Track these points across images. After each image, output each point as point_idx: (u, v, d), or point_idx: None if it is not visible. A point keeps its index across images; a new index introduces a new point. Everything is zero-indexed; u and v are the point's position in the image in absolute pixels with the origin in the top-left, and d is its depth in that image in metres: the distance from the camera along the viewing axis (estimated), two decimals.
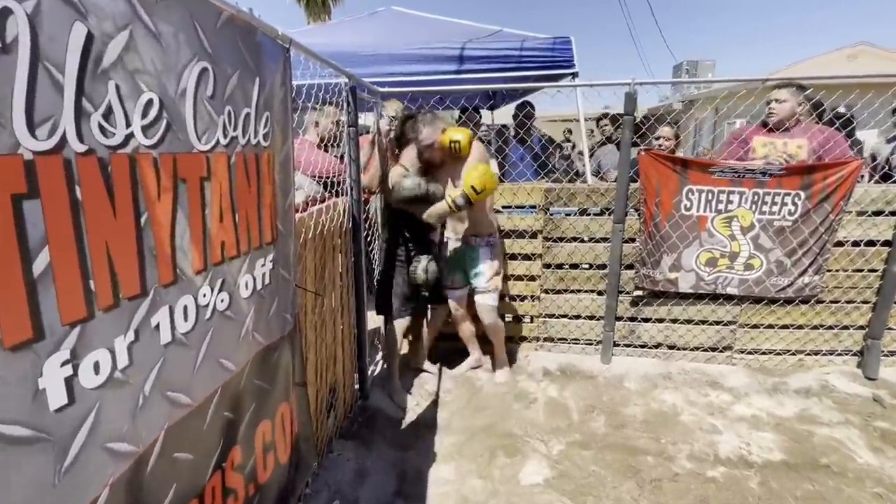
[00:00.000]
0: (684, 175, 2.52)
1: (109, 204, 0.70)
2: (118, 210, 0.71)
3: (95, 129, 0.66)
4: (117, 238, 0.71)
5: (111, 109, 0.69)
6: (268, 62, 1.15)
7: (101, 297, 0.69)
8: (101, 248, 0.68)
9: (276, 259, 1.25)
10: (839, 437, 2.18)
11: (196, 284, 0.91)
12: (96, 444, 0.70)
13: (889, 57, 12.48)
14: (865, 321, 2.65)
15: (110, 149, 0.69)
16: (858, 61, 12.51)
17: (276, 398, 1.32)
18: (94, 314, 0.68)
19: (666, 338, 2.82)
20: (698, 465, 2.01)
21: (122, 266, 0.73)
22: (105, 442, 0.71)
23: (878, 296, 2.58)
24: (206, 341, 0.97)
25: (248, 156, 1.06)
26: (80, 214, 0.65)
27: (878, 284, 2.58)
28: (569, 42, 2.95)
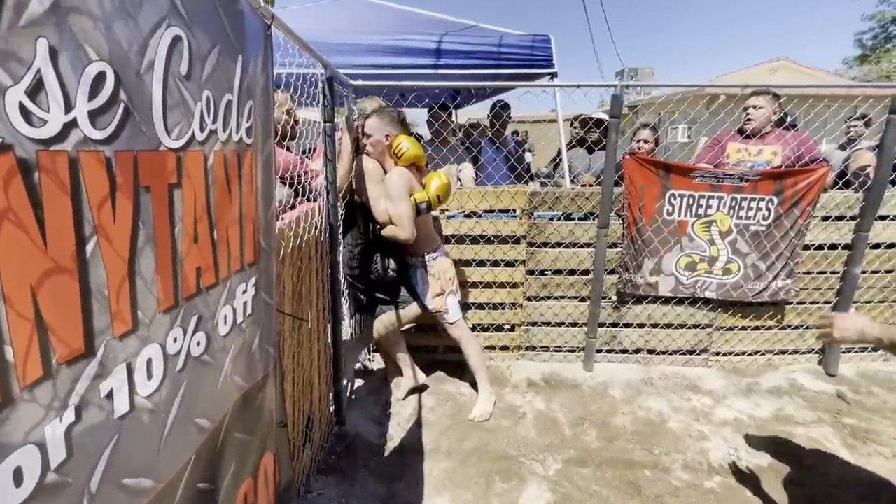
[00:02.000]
0: (667, 179, 2.50)
1: (37, 227, 0.46)
2: (49, 236, 0.47)
3: (14, 113, 0.43)
4: (48, 278, 0.47)
5: (41, 84, 0.45)
6: (250, 38, 0.92)
7: (22, 371, 0.45)
8: (24, 297, 0.45)
9: (259, 282, 1.02)
10: (816, 437, 2.24)
11: (164, 328, 0.67)
12: None
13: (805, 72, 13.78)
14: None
15: (39, 143, 0.45)
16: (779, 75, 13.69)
17: (258, 450, 1.08)
18: (12, 396, 0.44)
19: (646, 343, 2.81)
20: (695, 475, 1.97)
21: (56, 318, 0.49)
22: None
23: (839, 296, 2.70)
24: (178, 400, 0.73)
25: (228, 155, 0.82)
26: None
27: (838, 286, 2.70)
28: (548, 40, 2.86)
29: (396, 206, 1.96)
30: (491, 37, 2.87)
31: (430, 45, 2.75)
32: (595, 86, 2.43)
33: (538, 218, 2.64)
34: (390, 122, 2.05)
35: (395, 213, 1.97)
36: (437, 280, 2.20)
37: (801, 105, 3.20)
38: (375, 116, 2.05)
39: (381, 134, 2.04)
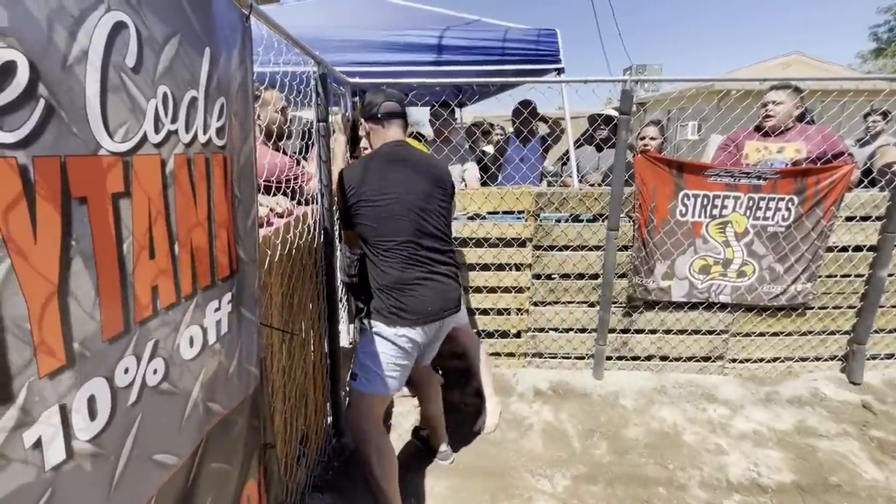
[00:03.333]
0: (680, 179, 2.38)
1: None
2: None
3: None
4: None
5: None
6: (222, 29, 0.83)
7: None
8: None
9: (237, 297, 0.93)
10: (841, 451, 2.11)
11: (111, 359, 0.59)
12: None
13: (818, 66, 13.44)
14: (850, 326, 2.63)
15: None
16: (792, 69, 13.38)
17: (240, 479, 1.00)
18: None
19: (658, 349, 2.69)
20: (713, 494, 1.86)
21: None
22: None
23: (864, 301, 2.56)
24: (132, 438, 0.64)
25: (194, 159, 0.73)
26: None
27: (863, 290, 2.56)
28: (554, 35, 2.75)
29: None
30: (494, 31, 2.77)
31: (432, 41, 2.66)
32: (604, 81, 2.32)
33: (544, 219, 2.53)
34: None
35: None
36: None
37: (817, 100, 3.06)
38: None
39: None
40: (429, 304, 1.53)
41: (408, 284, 1.51)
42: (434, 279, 1.55)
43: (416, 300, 1.51)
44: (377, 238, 1.51)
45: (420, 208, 1.52)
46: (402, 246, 1.50)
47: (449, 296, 1.59)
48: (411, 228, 1.51)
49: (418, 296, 1.52)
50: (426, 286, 1.53)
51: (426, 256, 1.54)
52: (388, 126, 1.61)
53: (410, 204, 1.51)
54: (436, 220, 1.57)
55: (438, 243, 1.58)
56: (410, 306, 1.51)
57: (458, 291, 1.64)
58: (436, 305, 1.55)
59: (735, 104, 2.62)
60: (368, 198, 1.49)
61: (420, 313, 1.52)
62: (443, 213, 1.61)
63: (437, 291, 1.55)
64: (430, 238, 1.55)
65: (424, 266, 1.54)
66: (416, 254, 1.52)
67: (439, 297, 1.56)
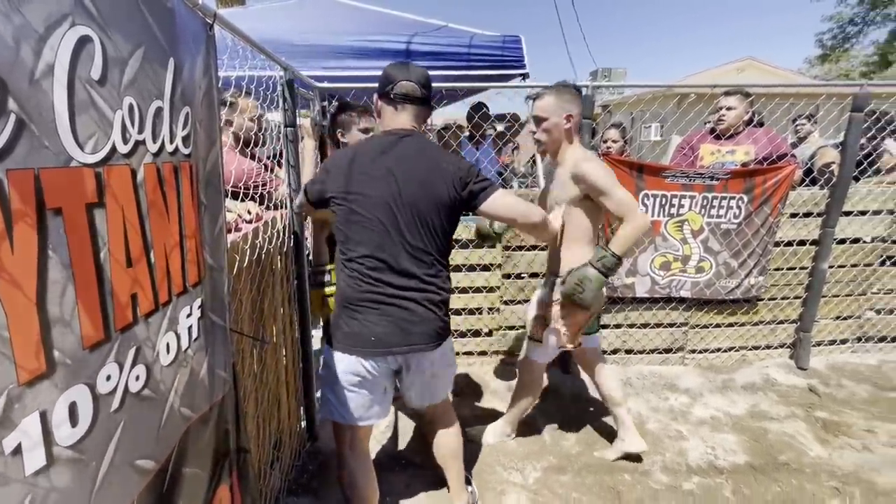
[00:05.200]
0: (640, 180, 2.50)
1: None
2: None
3: None
4: None
5: None
6: (185, 39, 0.84)
7: None
8: None
9: (206, 303, 0.94)
10: (790, 432, 2.27)
11: (92, 367, 0.60)
12: None
13: (771, 71, 14.21)
14: (797, 316, 2.82)
15: None
16: (745, 74, 14.09)
17: (212, 483, 1.01)
18: None
19: (623, 343, 2.81)
20: (673, 478, 1.97)
21: None
22: None
23: (808, 291, 2.76)
24: (114, 444, 0.65)
25: (162, 167, 0.75)
26: None
27: (807, 281, 2.75)
28: (519, 41, 2.84)
29: (619, 192, 1.64)
30: (461, 38, 2.84)
31: (400, 47, 2.70)
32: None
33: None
34: (571, 99, 1.70)
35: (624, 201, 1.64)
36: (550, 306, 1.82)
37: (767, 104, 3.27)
38: (551, 94, 1.71)
39: (560, 115, 1.69)
40: (374, 333, 1.30)
41: (358, 305, 1.31)
42: (394, 304, 1.31)
43: (361, 325, 1.31)
44: (343, 243, 1.34)
45: (396, 217, 1.29)
46: (363, 259, 1.30)
47: (413, 328, 1.32)
48: (378, 240, 1.29)
49: (363, 321, 1.31)
50: (378, 311, 1.30)
51: (390, 276, 1.30)
52: (400, 110, 1.36)
53: (385, 211, 1.28)
54: (419, 235, 1.31)
55: (414, 264, 1.31)
56: (355, 332, 1.31)
57: (430, 325, 1.35)
58: (386, 337, 1.31)
59: (688, 108, 2.77)
60: (338, 193, 1.30)
61: (363, 343, 1.31)
62: (433, 228, 1.33)
63: (393, 320, 1.31)
64: (404, 255, 1.30)
65: (382, 287, 1.30)
66: (375, 270, 1.30)
67: (395, 328, 1.31)
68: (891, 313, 2.89)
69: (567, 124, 1.71)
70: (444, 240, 1.38)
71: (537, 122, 1.75)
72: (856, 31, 18.01)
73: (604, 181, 1.65)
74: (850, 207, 2.64)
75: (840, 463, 2.05)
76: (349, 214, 1.31)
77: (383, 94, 1.38)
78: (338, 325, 1.36)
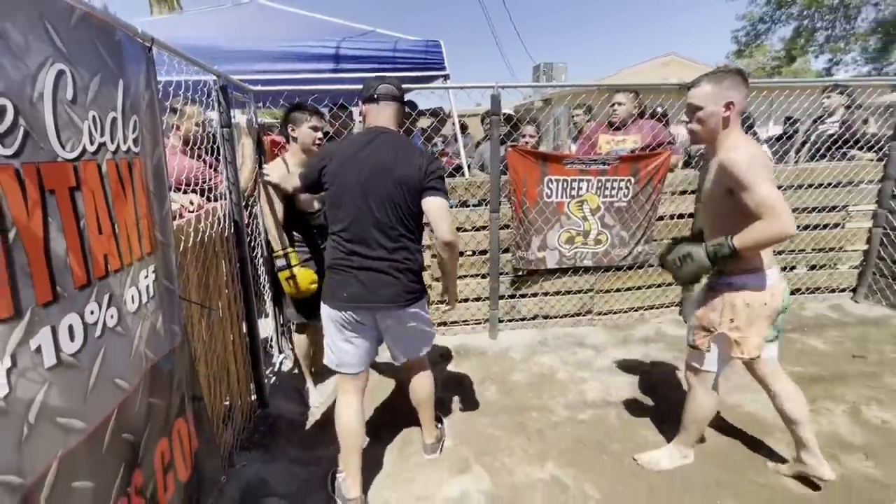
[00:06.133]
0: (544, 167, 2.91)
1: None
2: None
3: None
4: None
5: None
6: (130, 62, 1.09)
7: None
8: None
9: (158, 270, 1.20)
10: (669, 371, 2.76)
11: (81, 301, 0.86)
12: None
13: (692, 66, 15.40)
14: None
15: None
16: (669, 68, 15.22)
17: (171, 414, 1.26)
18: None
19: (541, 309, 3.23)
20: (572, 412, 2.39)
21: None
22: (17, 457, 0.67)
23: None
24: (99, 360, 0.91)
25: (119, 163, 1.00)
26: None
27: None
28: (439, 45, 3.15)
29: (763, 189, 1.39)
30: (386, 42, 3.11)
31: (330, 51, 2.94)
32: (475, 87, 2.76)
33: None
34: (733, 84, 1.52)
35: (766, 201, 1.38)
36: (711, 310, 1.65)
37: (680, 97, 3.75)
38: (709, 81, 1.55)
39: (719, 103, 1.53)
40: (347, 291, 1.61)
41: (339, 269, 1.62)
42: (364, 269, 1.60)
43: (338, 284, 1.62)
44: (330, 219, 1.65)
45: (368, 197, 1.56)
46: (342, 231, 1.61)
47: (381, 290, 1.61)
48: (353, 217, 1.58)
49: (341, 281, 1.62)
50: (352, 274, 1.60)
51: (361, 247, 1.59)
52: (383, 106, 1.65)
53: (362, 191, 1.56)
54: (387, 215, 1.58)
55: (383, 237, 1.59)
56: (334, 289, 1.64)
57: (393, 288, 1.62)
58: (358, 295, 1.60)
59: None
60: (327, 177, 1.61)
61: (338, 298, 1.63)
62: (401, 209, 1.59)
63: (365, 281, 1.60)
64: (374, 231, 1.58)
65: (356, 256, 1.60)
66: (350, 242, 1.60)
67: (364, 288, 1.60)
68: None
69: (726, 112, 1.52)
70: (410, 219, 1.64)
71: (691, 112, 1.59)
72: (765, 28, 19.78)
73: (746, 174, 1.40)
74: None
75: None
76: (333, 195, 1.62)
77: (367, 98, 1.68)
78: (326, 283, 1.69)
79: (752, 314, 1.57)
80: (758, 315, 1.58)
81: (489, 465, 1.99)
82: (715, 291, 1.65)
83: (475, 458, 2.04)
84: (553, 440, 2.16)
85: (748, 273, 1.57)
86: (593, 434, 2.20)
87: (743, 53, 21.56)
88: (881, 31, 15.62)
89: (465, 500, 1.81)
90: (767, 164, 1.45)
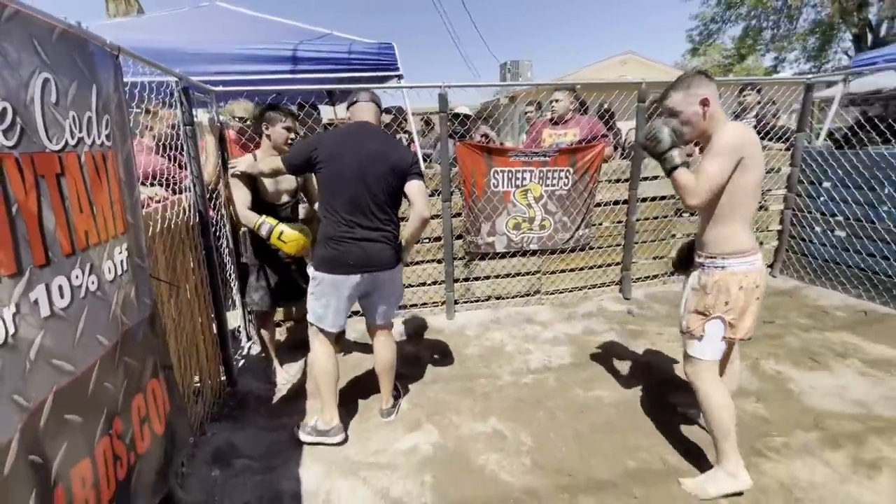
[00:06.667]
0: (491, 160, 3.17)
1: None
2: None
3: None
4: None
5: None
6: (101, 69, 1.28)
7: None
8: None
9: (130, 248, 1.38)
10: (606, 340, 3.08)
11: (67, 267, 1.05)
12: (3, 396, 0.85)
13: (649, 64, 16.10)
14: (620, 259, 3.70)
15: None
16: (627, 66, 15.86)
17: (145, 375, 1.45)
18: None
19: (493, 291, 3.51)
20: (516, 377, 2.67)
21: (3, 251, 0.87)
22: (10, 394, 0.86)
23: (625, 239, 3.63)
24: (83, 317, 1.10)
25: (95, 154, 1.19)
26: None
27: (624, 231, 3.62)
28: (392, 47, 3.37)
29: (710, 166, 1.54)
30: (342, 45, 3.31)
31: (288, 54, 3.11)
32: (423, 87, 3.00)
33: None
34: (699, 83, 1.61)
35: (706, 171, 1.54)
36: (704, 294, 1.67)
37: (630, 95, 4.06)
38: (675, 90, 1.65)
39: (694, 103, 1.61)
40: (351, 258, 1.91)
41: (340, 240, 1.90)
42: (364, 239, 1.91)
43: (341, 253, 1.90)
44: (326, 196, 1.90)
45: (366, 178, 1.86)
46: (342, 206, 1.88)
47: (374, 256, 1.94)
48: (352, 193, 1.86)
49: (345, 250, 1.90)
50: (356, 244, 1.90)
51: (361, 219, 1.89)
52: (365, 108, 2.00)
53: (360, 172, 1.85)
54: (380, 192, 1.90)
55: (378, 211, 1.92)
56: (336, 258, 1.91)
57: (385, 253, 1.97)
58: (358, 261, 1.91)
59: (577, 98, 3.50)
60: (325, 159, 1.86)
61: (343, 265, 1.91)
62: (390, 187, 1.92)
63: (363, 250, 1.90)
64: (371, 205, 1.89)
65: (356, 228, 1.89)
66: (350, 214, 1.88)
67: (364, 255, 1.92)
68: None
69: (703, 108, 1.60)
70: (397, 197, 2.00)
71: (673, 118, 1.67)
72: (717, 28, 20.77)
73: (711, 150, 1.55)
74: (647, 174, 3.52)
75: (633, 356, 2.88)
76: (332, 175, 1.89)
77: (352, 102, 2.04)
78: (323, 255, 1.93)
79: (745, 296, 1.62)
80: (750, 297, 1.63)
81: (439, 423, 2.25)
82: (708, 276, 1.67)
83: (427, 417, 2.29)
84: (497, 401, 2.43)
85: (739, 256, 1.62)
86: (533, 394, 2.48)
87: (697, 52, 22.56)
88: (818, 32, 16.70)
89: (416, 450, 2.06)
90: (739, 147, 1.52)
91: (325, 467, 1.97)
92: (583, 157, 3.30)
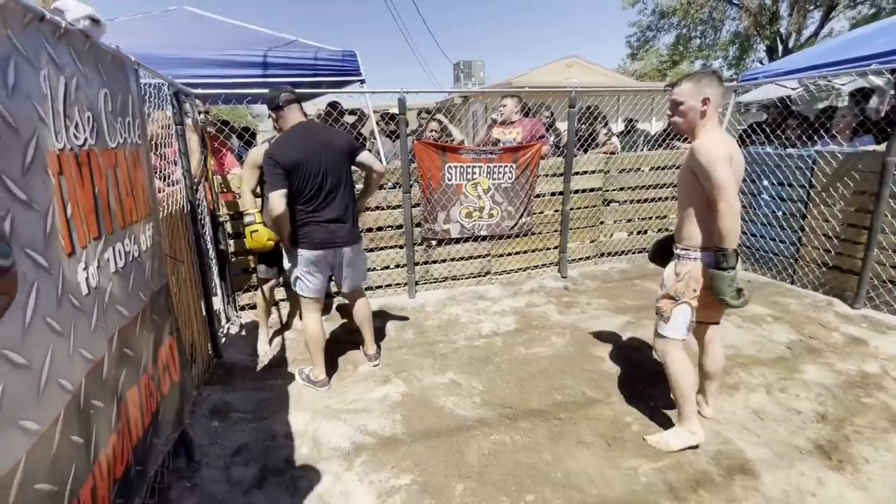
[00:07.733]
0: (445, 156, 3.62)
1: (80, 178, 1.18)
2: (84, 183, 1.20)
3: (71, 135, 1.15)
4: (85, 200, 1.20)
5: (78, 123, 1.17)
6: (132, 82, 1.60)
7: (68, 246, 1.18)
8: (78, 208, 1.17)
9: (154, 227, 1.71)
10: (545, 311, 3.62)
11: (123, 236, 1.39)
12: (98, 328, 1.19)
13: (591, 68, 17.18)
14: (557, 243, 4.26)
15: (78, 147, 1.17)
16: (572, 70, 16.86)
17: (165, 331, 1.78)
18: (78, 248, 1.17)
19: (450, 272, 3.97)
20: (469, 341, 3.14)
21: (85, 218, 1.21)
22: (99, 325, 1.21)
23: (561, 226, 4.20)
24: (132, 276, 1.44)
25: (132, 151, 1.53)
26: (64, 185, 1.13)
27: (560, 219, 4.19)
28: (354, 54, 3.72)
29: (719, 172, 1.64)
30: (308, 51, 3.63)
31: (258, 59, 3.40)
32: (384, 92, 3.40)
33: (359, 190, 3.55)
34: (710, 83, 1.74)
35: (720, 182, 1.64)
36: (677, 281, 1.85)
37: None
38: (689, 80, 1.78)
39: (697, 99, 1.75)
40: (321, 237, 2.33)
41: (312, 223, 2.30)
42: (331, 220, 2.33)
43: (316, 233, 2.32)
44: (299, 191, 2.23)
45: (327, 168, 2.24)
46: (313, 195, 2.25)
47: (339, 233, 2.37)
48: (319, 184, 2.24)
49: (318, 231, 2.32)
50: (324, 227, 2.32)
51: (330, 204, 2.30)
52: (290, 111, 2.29)
53: (321, 165, 2.22)
54: (338, 178, 2.30)
55: (340, 195, 2.33)
56: (312, 237, 2.32)
57: (347, 231, 2.40)
58: (329, 238, 2.34)
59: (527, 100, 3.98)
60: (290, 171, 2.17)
61: (318, 242, 2.33)
62: (345, 171, 2.34)
63: (330, 230, 2.33)
64: (334, 191, 2.30)
65: (326, 211, 2.30)
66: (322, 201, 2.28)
67: (332, 234, 2.34)
68: (611, 236, 4.51)
69: (703, 106, 1.73)
70: (350, 179, 2.43)
71: (674, 106, 1.79)
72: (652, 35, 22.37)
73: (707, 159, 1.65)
74: (578, 169, 4.10)
75: (565, 321, 3.43)
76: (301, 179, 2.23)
77: (276, 108, 2.31)
78: (305, 234, 2.34)
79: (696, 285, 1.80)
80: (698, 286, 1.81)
81: (405, 378, 2.67)
82: (682, 265, 1.83)
83: (395, 374, 2.71)
84: (453, 359, 2.89)
85: (708, 250, 1.77)
86: (483, 353, 2.96)
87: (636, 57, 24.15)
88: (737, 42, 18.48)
89: (386, 398, 2.48)
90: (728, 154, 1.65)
91: (310, 414, 2.34)
92: (523, 154, 3.82)
